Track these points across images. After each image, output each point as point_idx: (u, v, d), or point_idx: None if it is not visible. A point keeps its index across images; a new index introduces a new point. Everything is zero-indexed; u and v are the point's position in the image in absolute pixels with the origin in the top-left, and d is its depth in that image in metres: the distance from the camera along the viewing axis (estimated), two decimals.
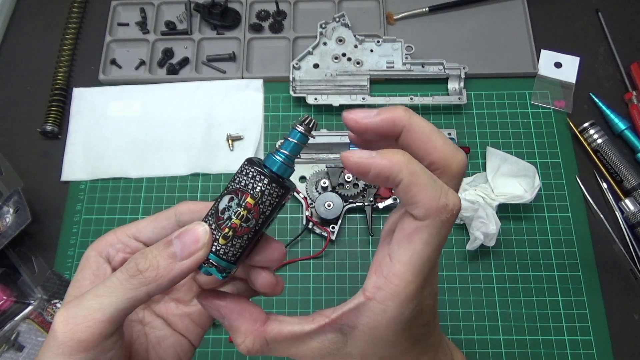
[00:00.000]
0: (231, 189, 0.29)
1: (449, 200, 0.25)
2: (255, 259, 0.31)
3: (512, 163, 0.61)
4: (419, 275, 0.26)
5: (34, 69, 0.74)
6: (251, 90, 0.70)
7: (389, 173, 0.26)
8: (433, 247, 0.26)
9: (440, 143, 0.28)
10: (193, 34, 0.74)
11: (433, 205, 0.25)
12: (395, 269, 0.26)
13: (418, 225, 0.26)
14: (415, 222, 0.26)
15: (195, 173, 0.66)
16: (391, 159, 0.26)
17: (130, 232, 0.32)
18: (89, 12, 0.78)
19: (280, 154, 0.29)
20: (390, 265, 0.26)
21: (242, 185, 0.28)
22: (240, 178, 0.29)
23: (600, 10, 0.74)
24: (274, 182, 0.28)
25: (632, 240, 0.61)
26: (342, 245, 0.62)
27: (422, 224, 0.26)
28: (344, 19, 0.70)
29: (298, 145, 0.29)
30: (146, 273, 0.27)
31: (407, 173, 0.25)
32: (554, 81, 0.70)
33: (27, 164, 0.67)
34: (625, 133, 0.66)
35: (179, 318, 0.35)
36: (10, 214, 0.59)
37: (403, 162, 0.26)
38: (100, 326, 0.26)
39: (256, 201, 0.28)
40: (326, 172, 0.63)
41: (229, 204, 0.28)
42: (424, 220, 0.25)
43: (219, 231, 0.28)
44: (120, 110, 0.70)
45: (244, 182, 0.28)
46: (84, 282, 0.31)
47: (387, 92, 0.70)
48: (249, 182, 0.28)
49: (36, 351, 0.57)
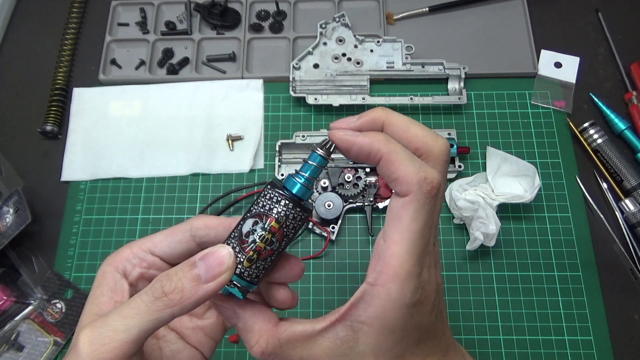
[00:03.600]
0: (255, 212, 0.29)
1: (427, 173, 0.27)
2: (275, 276, 0.31)
3: (512, 163, 0.61)
4: (413, 251, 0.27)
5: (34, 69, 0.74)
6: (251, 90, 0.70)
7: (370, 149, 0.27)
8: (421, 221, 0.27)
9: (419, 131, 0.29)
10: (193, 34, 0.74)
11: (413, 178, 0.26)
12: (390, 249, 0.27)
13: (403, 202, 0.27)
14: (400, 199, 0.27)
15: (195, 173, 0.66)
16: (372, 137, 0.28)
17: (146, 246, 0.33)
18: (89, 12, 0.78)
19: (301, 177, 0.30)
20: (385, 247, 0.27)
21: (266, 209, 0.29)
22: (264, 202, 0.29)
23: (600, 10, 0.74)
24: (298, 206, 0.29)
25: (632, 240, 0.61)
26: (342, 245, 0.62)
27: (407, 200, 0.27)
28: (344, 19, 0.70)
29: (318, 168, 0.30)
30: (171, 295, 0.27)
31: (387, 150, 0.27)
32: (554, 81, 0.70)
33: (27, 164, 0.67)
34: (625, 133, 0.66)
35: (192, 331, 0.35)
36: (10, 214, 0.59)
37: (383, 140, 0.28)
38: (125, 347, 0.27)
39: (280, 225, 0.29)
40: (326, 172, 0.63)
41: (253, 227, 0.29)
42: (407, 195, 0.27)
43: (243, 254, 0.29)
44: (120, 110, 0.70)
45: (268, 206, 0.29)
46: (102, 299, 0.31)
47: (387, 92, 0.70)
48: (273, 206, 0.29)
49: (36, 351, 0.57)
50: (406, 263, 0.27)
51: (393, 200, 0.28)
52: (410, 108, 0.69)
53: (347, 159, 0.62)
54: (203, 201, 0.65)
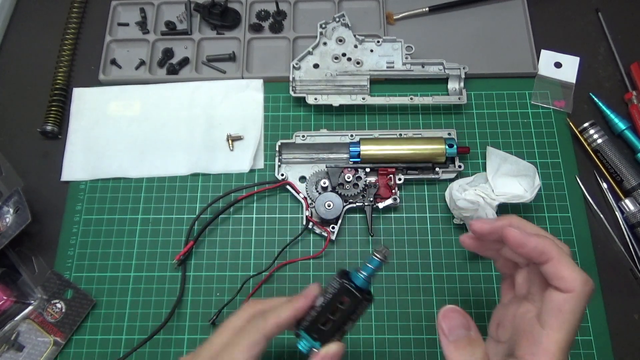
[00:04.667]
0: (329, 302, 0.40)
1: (589, 277, 0.34)
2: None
3: (512, 163, 0.61)
4: (568, 341, 0.32)
5: (34, 69, 0.74)
6: (251, 90, 0.70)
7: (543, 249, 0.34)
8: (578, 315, 0.33)
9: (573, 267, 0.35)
10: (193, 34, 0.74)
11: (579, 279, 0.33)
12: (549, 336, 0.32)
13: (565, 297, 0.33)
14: (562, 294, 0.33)
15: (195, 173, 0.66)
16: (544, 240, 0.35)
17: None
18: (89, 12, 0.78)
19: (364, 274, 0.41)
20: (542, 332, 0.33)
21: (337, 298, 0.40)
22: (332, 289, 0.41)
23: (600, 10, 0.74)
24: (365, 300, 0.40)
25: (632, 240, 0.61)
26: (342, 245, 0.62)
27: (569, 296, 0.33)
28: (344, 19, 0.70)
29: (376, 270, 0.41)
30: None
31: (557, 252, 0.34)
32: (554, 81, 0.70)
33: (27, 164, 0.67)
34: (625, 133, 0.66)
35: None
36: (10, 214, 0.59)
37: (553, 243, 0.35)
38: None
39: (348, 310, 0.40)
40: (326, 172, 0.63)
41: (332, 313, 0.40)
42: (571, 292, 0.33)
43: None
44: (120, 110, 0.70)
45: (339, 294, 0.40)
46: None
47: (387, 92, 0.70)
48: (346, 297, 0.40)
49: (36, 351, 0.57)
50: (563, 351, 0.32)
51: (554, 294, 0.33)
52: (410, 108, 0.69)
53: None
54: (203, 201, 0.65)
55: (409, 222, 0.63)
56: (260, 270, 0.60)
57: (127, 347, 0.58)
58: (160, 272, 0.61)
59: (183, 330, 0.58)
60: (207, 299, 0.60)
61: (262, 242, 0.62)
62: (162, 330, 0.57)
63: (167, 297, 0.60)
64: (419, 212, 0.63)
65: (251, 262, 0.61)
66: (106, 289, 0.61)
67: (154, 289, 0.61)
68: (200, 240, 0.63)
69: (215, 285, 0.60)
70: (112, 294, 0.60)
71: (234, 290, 0.59)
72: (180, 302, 0.59)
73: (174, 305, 0.58)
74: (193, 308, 0.59)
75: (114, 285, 0.61)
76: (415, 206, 0.64)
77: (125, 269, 0.62)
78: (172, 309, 0.58)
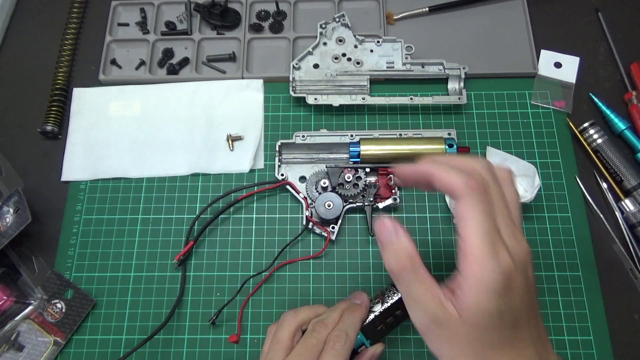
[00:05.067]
0: (388, 308, 0.46)
1: (470, 175, 0.34)
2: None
3: (512, 163, 0.61)
4: (482, 237, 0.32)
5: (34, 69, 0.74)
6: (251, 90, 0.70)
7: (425, 171, 0.36)
8: (479, 213, 0.33)
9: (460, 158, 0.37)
10: (193, 34, 0.74)
11: (459, 183, 0.33)
12: (464, 243, 0.33)
13: (460, 204, 0.33)
14: (459, 204, 0.33)
15: (195, 173, 0.66)
16: (424, 162, 0.36)
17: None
18: (89, 12, 0.78)
19: None
20: (461, 243, 0.33)
21: (396, 306, 0.46)
22: (390, 298, 0.47)
23: (600, 10, 0.74)
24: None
25: (632, 240, 0.61)
26: (342, 245, 0.62)
27: (461, 202, 0.33)
28: (344, 19, 0.70)
29: None
30: None
31: (432, 166, 0.35)
32: (554, 81, 0.70)
33: (27, 164, 0.67)
34: (625, 133, 0.66)
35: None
36: (10, 214, 0.59)
37: (430, 162, 0.36)
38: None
39: (400, 317, 0.46)
40: (326, 172, 0.63)
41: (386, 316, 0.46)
42: (460, 196, 0.33)
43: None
44: (120, 110, 0.70)
45: (398, 302, 0.46)
46: None
47: (387, 92, 0.70)
48: (403, 306, 0.41)
49: (36, 351, 0.57)
50: (479, 246, 0.32)
51: (456, 207, 0.34)
52: (410, 108, 0.69)
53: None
54: (203, 201, 0.65)
55: (409, 222, 0.63)
56: (260, 270, 0.60)
57: (127, 347, 0.58)
58: (160, 272, 0.61)
59: (183, 330, 0.59)
60: (207, 299, 0.60)
61: (262, 242, 0.62)
62: (162, 330, 0.57)
63: (167, 297, 0.60)
64: (419, 212, 0.63)
65: (251, 262, 0.61)
66: (106, 289, 0.61)
67: (154, 289, 0.61)
68: (200, 240, 0.63)
69: (215, 285, 0.60)
70: (112, 294, 0.60)
71: (234, 290, 0.59)
72: (180, 302, 0.59)
73: (174, 305, 0.58)
74: (193, 308, 0.60)
75: (114, 285, 0.61)
76: (415, 206, 0.64)
77: (126, 269, 0.62)
78: (172, 309, 0.58)
